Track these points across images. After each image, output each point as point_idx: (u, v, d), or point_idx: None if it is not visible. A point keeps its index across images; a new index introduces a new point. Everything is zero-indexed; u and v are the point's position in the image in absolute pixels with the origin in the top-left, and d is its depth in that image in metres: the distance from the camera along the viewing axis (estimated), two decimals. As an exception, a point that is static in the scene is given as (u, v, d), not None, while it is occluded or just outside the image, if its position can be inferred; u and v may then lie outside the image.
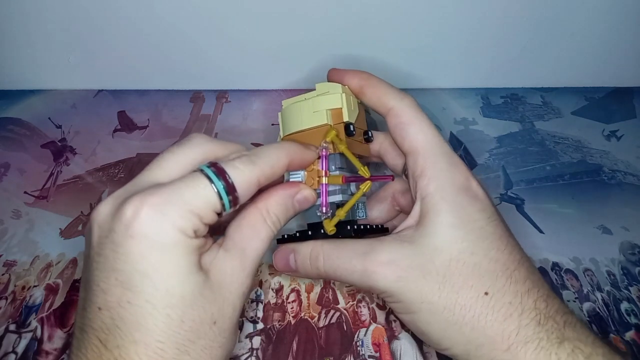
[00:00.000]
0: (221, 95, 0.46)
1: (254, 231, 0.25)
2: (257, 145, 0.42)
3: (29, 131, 0.43)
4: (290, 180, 0.29)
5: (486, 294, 0.24)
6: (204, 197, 0.22)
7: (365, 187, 0.28)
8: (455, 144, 0.43)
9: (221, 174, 0.23)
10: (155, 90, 0.47)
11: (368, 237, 0.28)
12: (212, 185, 0.22)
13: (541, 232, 0.37)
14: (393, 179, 0.28)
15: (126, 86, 0.46)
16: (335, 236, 0.28)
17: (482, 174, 0.41)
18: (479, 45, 0.43)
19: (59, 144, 0.42)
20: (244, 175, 0.24)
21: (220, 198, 0.23)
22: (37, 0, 0.38)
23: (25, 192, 0.39)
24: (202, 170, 0.23)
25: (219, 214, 0.23)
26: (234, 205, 0.23)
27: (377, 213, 0.32)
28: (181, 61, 0.44)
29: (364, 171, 0.28)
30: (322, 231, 0.28)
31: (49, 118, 0.44)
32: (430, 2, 0.38)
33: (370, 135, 0.31)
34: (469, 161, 0.42)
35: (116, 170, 0.40)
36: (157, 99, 0.46)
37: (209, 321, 0.22)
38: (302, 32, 0.41)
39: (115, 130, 0.43)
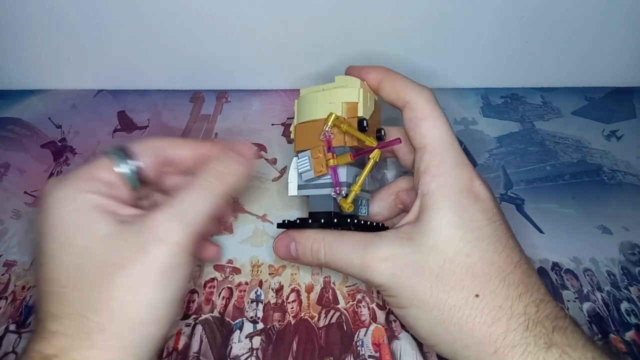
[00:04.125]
0: (221, 95, 0.46)
1: (190, 189, 0.26)
2: (257, 145, 0.42)
3: (29, 131, 0.43)
4: (298, 168, 0.30)
5: (477, 296, 0.24)
6: (101, 161, 0.25)
7: (375, 155, 0.28)
8: (455, 144, 0.43)
9: (120, 147, 0.26)
10: (155, 90, 0.47)
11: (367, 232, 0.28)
12: (110, 155, 0.26)
13: (541, 232, 0.37)
14: (401, 142, 0.28)
15: (126, 86, 0.46)
16: (335, 227, 0.28)
17: (482, 174, 0.41)
18: (479, 45, 0.43)
19: (59, 144, 0.42)
20: (141, 140, 0.27)
21: (119, 164, 0.26)
22: (37, 0, 0.38)
23: (25, 192, 0.39)
24: (107, 153, 0.26)
25: (131, 181, 0.26)
26: (133, 162, 0.26)
27: (378, 209, 0.32)
28: (181, 61, 0.44)
29: (370, 141, 0.28)
30: (322, 221, 0.28)
31: (49, 118, 0.44)
32: (429, 2, 0.38)
33: (383, 134, 0.31)
34: (469, 161, 0.42)
35: (116, 170, 0.40)
36: (157, 99, 0.46)
37: (112, 265, 0.22)
38: (302, 32, 0.41)
39: (115, 130, 0.43)
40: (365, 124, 0.28)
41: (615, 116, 0.46)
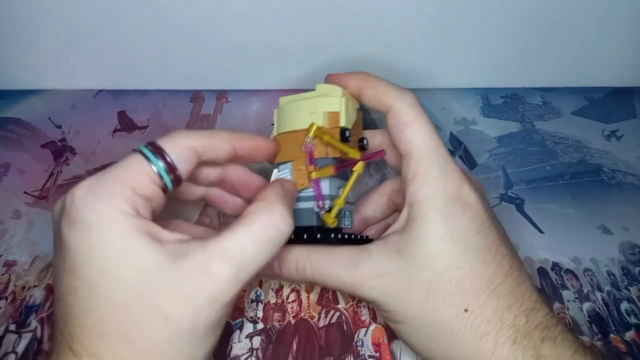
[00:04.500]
0: (221, 95, 0.46)
1: (251, 237, 0.22)
2: (257, 145, 0.42)
3: (29, 131, 0.43)
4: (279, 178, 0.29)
5: (466, 310, 0.24)
6: (137, 169, 0.22)
7: (359, 168, 0.27)
8: (455, 144, 0.43)
9: (158, 150, 0.23)
10: (155, 90, 0.47)
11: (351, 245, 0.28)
12: (149, 161, 0.22)
13: (541, 232, 0.37)
14: (385, 154, 0.28)
15: (126, 86, 0.46)
16: (318, 243, 0.28)
17: (482, 174, 0.41)
18: (479, 45, 0.43)
19: (59, 144, 0.42)
20: (180, 142, 0.24)
21: (161, 177, 0.23)
22: (37, 0, 0.38)
23: (25, 192, 0.39)
24: (139, 150, 0.23)
25: (164, 190, 0.23)
26: (173, 176, 0.23)
27: (371, 213, 0.32)
28: (181, 61, 0.44)
29: (354, 152, 0.27)
30: (304, 236, 0.27)
31: (49, 118, 0.44)
32: (429, 2, 0.38)
33: (365, 143, 0.30)
34: (469, 161, 0.42)
35: (116, 170, 0.40)
36: (157, 99, 0.46)
37: (158, 314, 0.20)
38: (302, 32, 0.41)
39: (115, 130, 0.43)
40: (347, 134, 0.28)
41: (615, 116, 0.46)
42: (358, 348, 0.30)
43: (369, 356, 0.30)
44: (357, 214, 0.32)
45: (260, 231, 0.23)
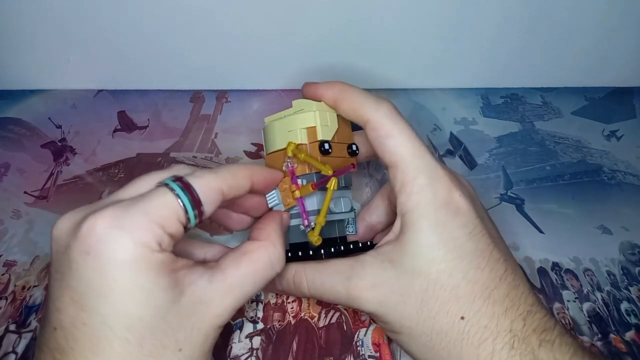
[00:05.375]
0: (221, 95, 0.46)
1: (250, 274, 0.24)
2: (257, 145, 0.42)
3: (29, 131, 0.43)
4: (268, 203, 0.29)
5: (462, 318, 0.24)
6: (167, 206, 0.22)
7: (331, 184, 0.27)
8: (455, 144, 0.43)
9: (187, 187, 0.22)
10: (155, 90, 0.47)
11: (350, 255, 0.28)
12: (178, 199, 0.22)
13: (541, 232, 0.37)
14: (355, 168, 0.28)
15: (126, 86, 0.46)
16: (313, 259, 0.28)
17: (482, 174, 0.41)
18: (479, 45, 0.43)
19: (59, 144, 0.42)
20: (207, 183, 0.23)
21: (186, 212, 0.22)
22: (36, 0, 0.38)
23: (25, 192, 0.39)
24: (167, 184, 0.22)
25: (185, 227, 0.23)
26: (199, 219, 0.23)
27: (377, 218, 0.32)
28: (181, 61, 0.44)
29: (326, 169, 0.27)
30: (299, 253, 0.28)
31: (49, 118, 0.44)
32: (430, 2, 0.38)
33: (355, 148, 0.30)
34: (469, 161, 0.42)
35: (116, 170, 0.40)
36: (157, 99, 0.46)
37: (173, 347, 0.21)
38: (302, 32, 0.41)
39: (115, 130, 0.43)
40: (327, 146, 0.28)
41: (615, 116, 0.46)
42: (358, 348, 0.30)
43: (369, 356, 0.30)
44: (363, 222, 0.32)
45: (260, 271, 0.24)
